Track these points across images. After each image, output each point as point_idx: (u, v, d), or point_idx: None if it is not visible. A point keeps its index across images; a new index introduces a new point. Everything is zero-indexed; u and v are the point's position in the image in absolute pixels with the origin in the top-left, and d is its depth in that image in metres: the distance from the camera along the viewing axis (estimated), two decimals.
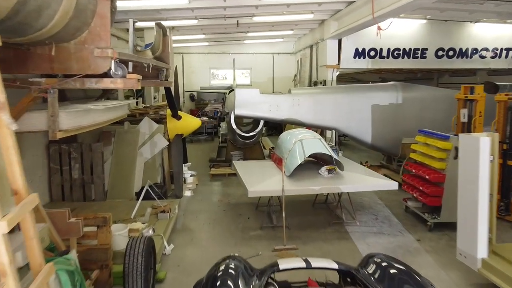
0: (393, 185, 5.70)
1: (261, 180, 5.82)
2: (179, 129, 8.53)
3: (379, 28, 7.81)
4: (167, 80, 7.00)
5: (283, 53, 17.53)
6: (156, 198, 6.31)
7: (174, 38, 13.63)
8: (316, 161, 6.58)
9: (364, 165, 11.83)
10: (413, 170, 6.42)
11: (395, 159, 9.02)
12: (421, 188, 6.09)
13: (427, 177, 5.94)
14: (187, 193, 7.99)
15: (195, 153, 12.64)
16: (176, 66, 9.77)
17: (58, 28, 3.13)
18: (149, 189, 6.41)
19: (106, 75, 3.97)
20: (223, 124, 11.47)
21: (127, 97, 11.23)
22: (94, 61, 3.79)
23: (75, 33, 3.55)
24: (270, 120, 8.28)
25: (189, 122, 8.74)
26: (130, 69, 5.46)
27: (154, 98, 15.91)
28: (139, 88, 4.11)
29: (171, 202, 6.54)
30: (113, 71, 3.95)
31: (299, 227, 6.13)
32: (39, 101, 4.10)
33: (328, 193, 7.01)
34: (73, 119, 4.35)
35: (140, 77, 4.11)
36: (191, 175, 8.80)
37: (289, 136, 6.54)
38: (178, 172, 7.97)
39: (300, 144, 5.93)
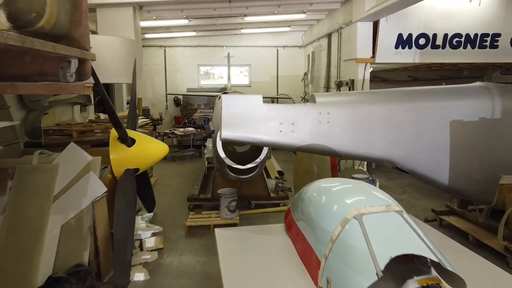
0: None
1: None
2: (131, 161, 5.19)
3: None
4: (86, 79, 3.65)
5: (290, 46, 14.15)
6: None
7: (149, 24, 10.32)
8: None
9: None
10: None
11: (489, 209, 5.64)
12: None
13: None
14: (138, 276, 4.63)
15: (173, 180, 9.30)
16: (135, 59, 6.45)
17: None
18: None
19: None
20: (209, 144, 8.11)
21: (73, 104, 7.88)
22: None
23: None
24: (281, 147, 4.90)
25: (149, 149, 5.39)
26: None
27: (128, 102, 12.58)
28: None
29: None
30: None
31: None
32: None
33: None
34: None
35: None
36: (152, 234, 5.46)
37: (325, 196, 3.20)
38: (124, 239, 4.61)
39: (359, 226, 2.58)
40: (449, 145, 4.99)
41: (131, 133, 5.31)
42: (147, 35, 12.57)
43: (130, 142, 5.20)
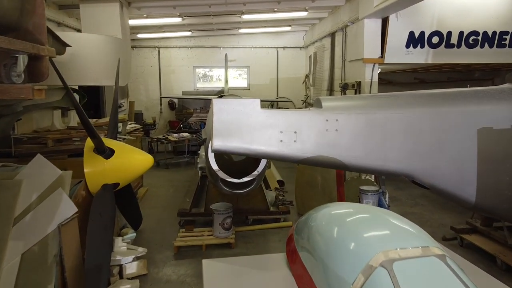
0: None
1: None
2: (109, 175, 4.50)
3: None
4: (42, 79, 2.99)
5: (291, 46, 13.50)
6: None
7: (140, 23, 9.69)
8: None
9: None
10: None
11: None
12: None
13: None
14: None
15: (165, 191, 8.62)
16: (119, 59, 5.79)
17: None
18: None
19: None
20: (202, 152, 7.41)
21: (53, 108, 7.20)
22: None
23: None
24: (282, 159, 4.23)
25: (130, 161, 4.70)
26: None
27: (120, 106, 11.90)
28: None
29: None
30: None
31: None
32: None
33: None
34: None
35: None
36: (135, 259, 4.77)
37: (337, 228, 2.52)
38: (98, 267, 3.94)
39: (389, 278, 1.91)
40: (476, 156, 4.32)
41: (110, 142, 4.63)
42: (139, 35, 11.93)
43: (108, 153, 4.52)
